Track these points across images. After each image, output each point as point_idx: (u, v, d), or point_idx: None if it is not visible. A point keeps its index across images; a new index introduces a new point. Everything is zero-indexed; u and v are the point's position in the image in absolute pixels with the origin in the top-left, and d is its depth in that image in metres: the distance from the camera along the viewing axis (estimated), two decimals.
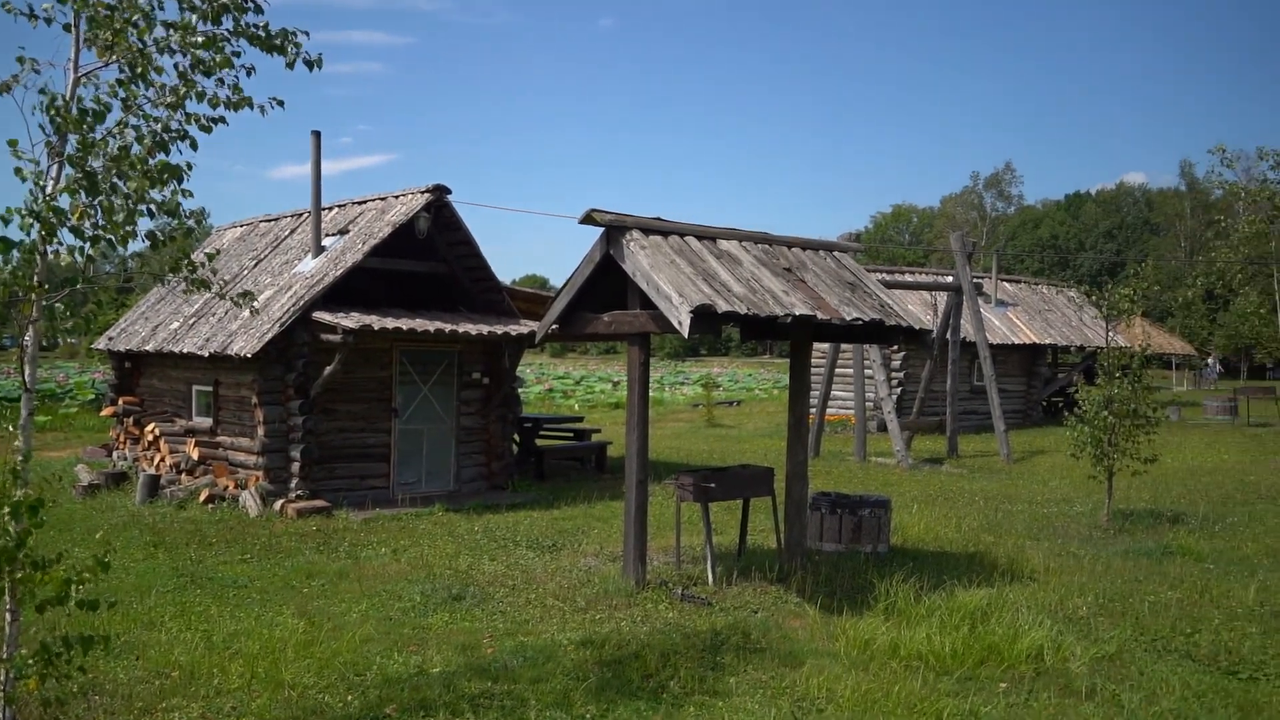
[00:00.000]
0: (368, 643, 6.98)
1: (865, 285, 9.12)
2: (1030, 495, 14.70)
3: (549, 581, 8.91)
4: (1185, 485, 15.76)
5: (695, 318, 7.42)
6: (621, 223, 8.28)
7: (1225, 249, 20.22)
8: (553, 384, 48.27)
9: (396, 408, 13.53)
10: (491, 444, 14.58)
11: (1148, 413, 12.15)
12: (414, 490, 13.53)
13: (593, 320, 8.92)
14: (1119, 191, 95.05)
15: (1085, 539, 11.24)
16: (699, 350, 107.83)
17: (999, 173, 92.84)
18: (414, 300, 14.40)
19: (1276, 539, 11.26)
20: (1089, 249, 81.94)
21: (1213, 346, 55.09)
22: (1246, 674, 6.56)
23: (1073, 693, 6.18)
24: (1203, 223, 70.71)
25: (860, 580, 8.77)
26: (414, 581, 8.82)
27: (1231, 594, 8.62)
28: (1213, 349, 55.55)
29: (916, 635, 6.98)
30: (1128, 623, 7.70)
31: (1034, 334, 28.26)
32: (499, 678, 6.27)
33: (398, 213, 13.52)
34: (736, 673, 6.46)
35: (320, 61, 4.94)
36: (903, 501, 13.52)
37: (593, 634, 7.22)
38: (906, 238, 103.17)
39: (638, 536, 8.61)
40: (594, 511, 12.85)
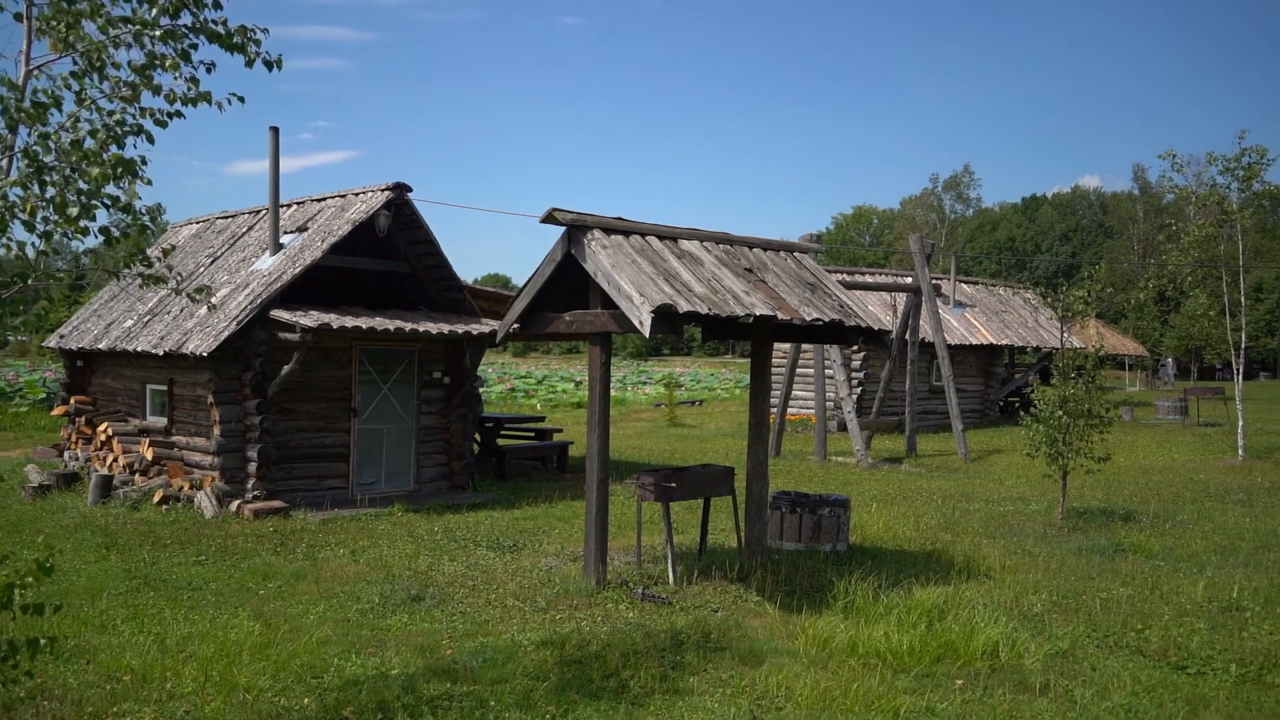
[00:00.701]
0: (325, 645, 6.91)
1: (825, 286, 9.18)
2: (987, 494, 14.89)
3: (509, 582, 8.88)
4: (1137, 484, 16.05)
5: (656, 317, 7.44)
6: (583, 222, 8.27)
7: (1176, 252, 20.61)
8: (515, 383, 48.08)
9: (356, 407, 13.40)
10: (452, 444, 14.49)
11: (1101, 412, 12.37)
12: (373, 490, 13.42)
13: (554, 320, 8.90)
14: (1074, 195, 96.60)
15: (1040, 537, 11.40)
16: (661, 350, 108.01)
17: (958, 175, 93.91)
18: (374, 299, 14.28)
19: (1224, 536, 11.50)
20: (1045, 251, 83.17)
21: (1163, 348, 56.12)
22: (1195, 669, 6.69)
23: (1027, 689, 6.27)
24: (1155, 226, 72.03)
25: (820, 579, 8.83)
26: (373, 582, 8.74)
27: (1181, 590, 8.79)
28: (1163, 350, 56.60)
29: (875, 633, 7.05)
30: (1081, 619, 7.82)
31: (991, 335, 28.63)
32: (459, 679, 6.24)
33: (358, 210, 13.40)
34: (697, 671, 6.48)
35: (280, 62, 4.88)
36: (862, 500, 13.65)
37: (553, 634, 7.21)
38: (867, 239, 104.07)
39: (599, 536, 8.60)
40: (555, 511, 12.83)
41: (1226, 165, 19.39)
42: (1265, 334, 58.76)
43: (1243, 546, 10.91)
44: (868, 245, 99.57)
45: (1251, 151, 19.08)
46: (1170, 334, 53.70)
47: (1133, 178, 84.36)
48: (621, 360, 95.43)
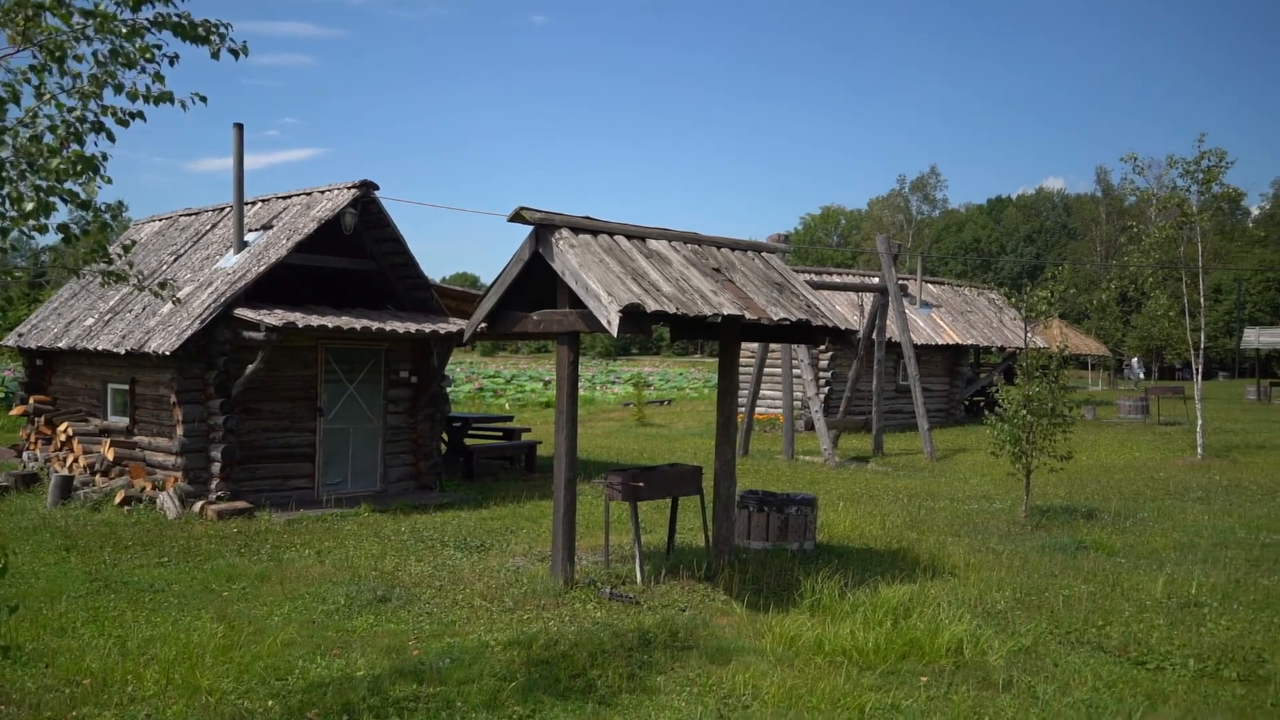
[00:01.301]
0: (290, 646, 6.85)
1: (792, 286, 9.23)
2: (952, 492, 15.03)
3: (477, 582, 8.84)
4: (1099, 482, 16.27)
5: (624, 317, 7.44)
6: (550, 221, 8.26)
7: (1137, 253, 20.91)
8: (483, 383, 47.91)
9: (322, 407, 13.29)
10: (419, 443, 14.41)
11: (1064, 412, 12.52)
12: (339, 491, 13.32)
13: (522, 319, 8.88)
14: (1039, 196, 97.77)
15: (1004, 535, 11.53)
16: (630, 349, 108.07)
17: (924, 176, 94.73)
18: (340, 298, 14.17)
19: (1184, 534, 11.69)
20: (1010, 252, 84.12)
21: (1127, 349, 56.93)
22: (1154, 664, 6.80)
23: (990, 685, 6.34)
24: (1117, 228, 73.02)
25: (787, 577, 8.87)
26: (338, 583, 8.68)
27: (1141, 587, 8.93)
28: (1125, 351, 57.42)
29: (841, 631, 7.09)
30: (1043, 616, 7.92)
31: (956, 335, 28.90)
32: (426, 680, 6.21)
33: (323, 208, 13.29)
34: (664, 670, 6.49)
35: (245, 49, 4.82)
36: (829, 499, 13.73)
37: (521, 634, 7.20)
38: (835, 239, 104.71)
39: (566, 536, 8.59)
40: (523, 511, 12.80)
41: (1186, 168, 19.69)
42: (1224, 334, 59.76)
43: (1201, 543, 11.09)
44: (835, 245, 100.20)
45: (1210, 154, 19.39)
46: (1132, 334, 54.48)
47: (1096, 180, 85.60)
48: (590, 360, 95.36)
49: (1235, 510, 13.46)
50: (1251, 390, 42.34)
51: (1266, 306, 65.70)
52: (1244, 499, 14.47)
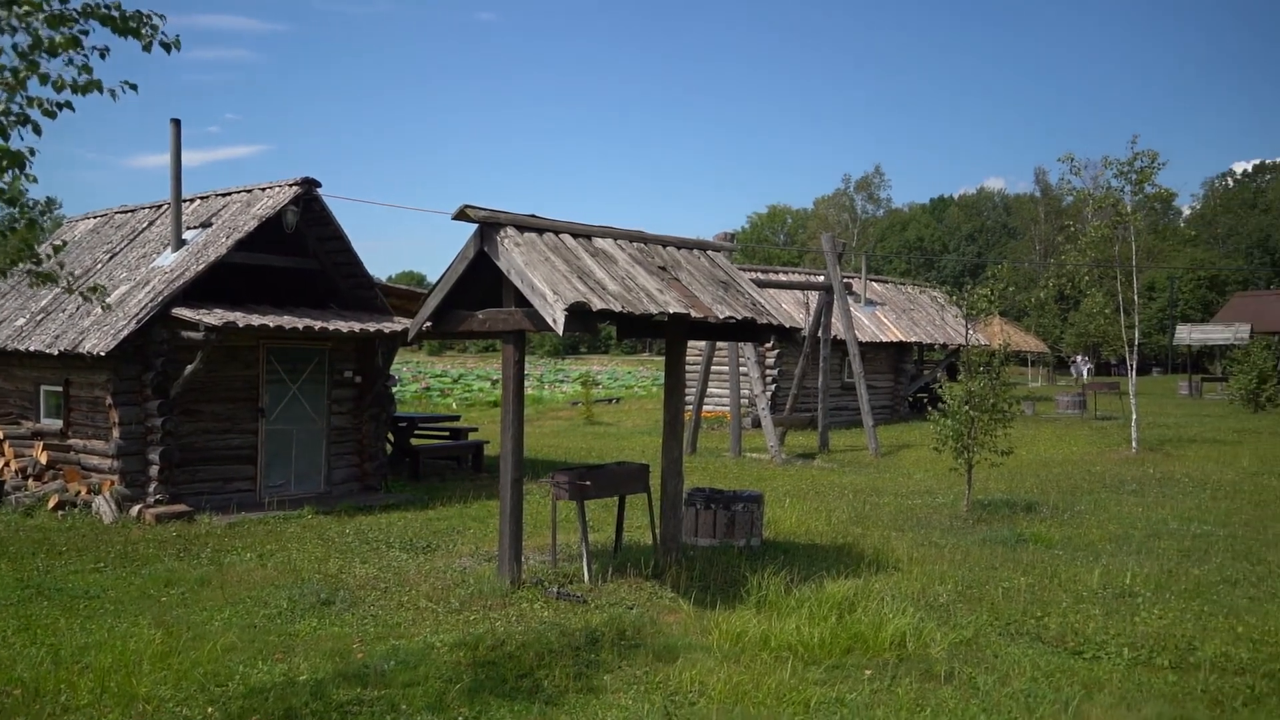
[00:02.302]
0: (230, 652, 6.73)
1: (738, 284, 9.28)
2: (896, 488, 15.24)
3: (423, 583, 8.77)
4: (1038, 476, 16.60)
5: (570, 315, 7.43)
6: (495, 219, 8.21)
7: (1074, 252, 21.38)
8: (430, 382, 47.54)
9: (264, 407, 13.08)
10: (364, 444, 14.25)
11: (1004, 407, 12.76)
12: (282, 493, 13.11)
13: (467, 318, 8.82)
14: (980, 196, 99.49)
15: (947, 529, 11.71)
16: (579, 348, 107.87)
17: (869, 176, 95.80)
18: (282, 296, 13.94)
19: (1119, 525, 11.97)
20: (952, 251, 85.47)
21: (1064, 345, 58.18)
22: (1090, 653, 6.96)
23: (933, 677, 6.43)
24: (1055, 227, 74.58)
25: (733, 574, 8.92)
26: (281, 587, 8.55)
27: (1078, 578, 9.13)
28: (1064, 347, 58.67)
29: (787, 626, 7.15)
30: (984, 608, 8.06)
31: (900, 332, 29.30)
32: (370, 683, 6.14)
33: (264, 206, 13.08)
34: (612, 669, 6.49)
35: (178, 43, 4.72)
36: (776, 496, 13.83)
37: (467, 635, 7.15)
38: (782, 238, 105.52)
39: (513, 535, 8.56)
40: (470, 511, 12.72)
41: (1120, 169, 20.16)
42: (1158, 331, 61.37)
43: (1135, 535, 11.37)
44: (782, 244, 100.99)
45: (1143, 156, 19.88)
46: (1070, 331, 55.68)
47: (1034, 180, 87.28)
48: (538, 359, 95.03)
49: (1168, 502, 13.82)
50: (1184, 385, 43.51)
51: (1198, 304, 67.59)
52: (1176, 491, 14.87)
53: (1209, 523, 12.19)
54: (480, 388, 45.42)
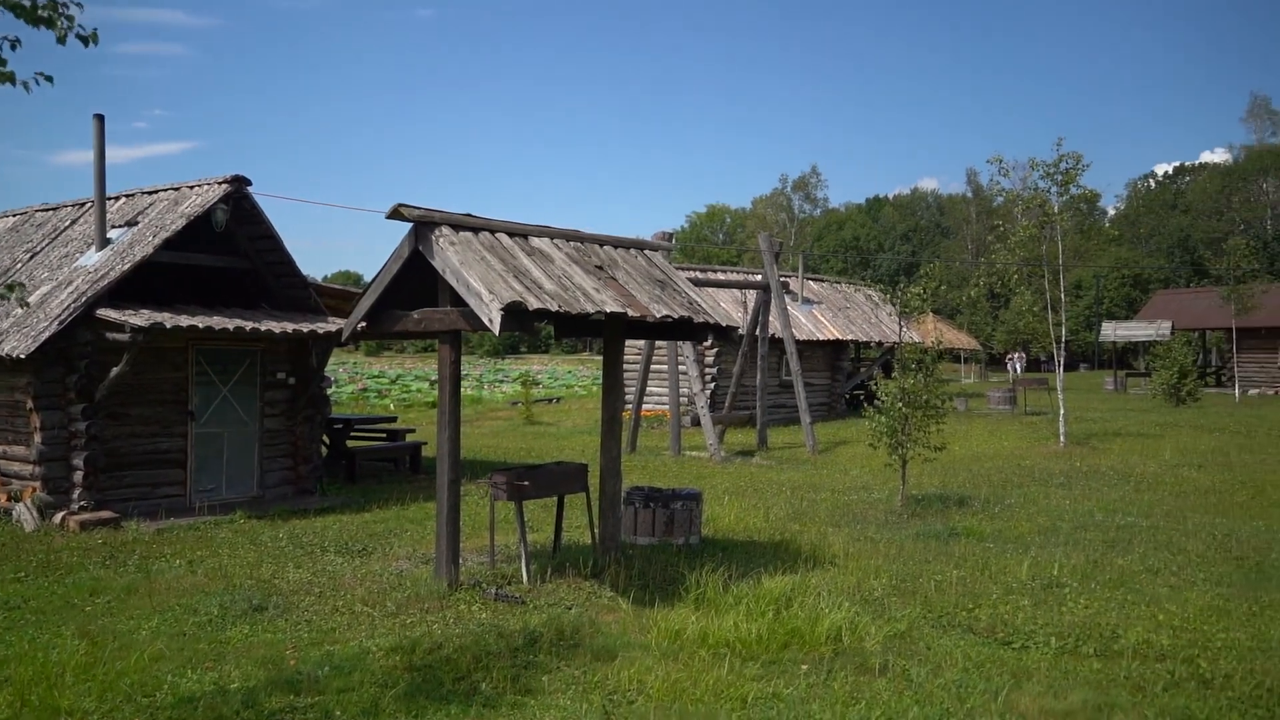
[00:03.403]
0: (158, 661, 6.57)
1: (675, 283, 9.32)
2: (833, 484, 15.43)
3: (358, 587, 8.65)
4: (970, 471, 16.94)
5: (506, 315, 7.39)
6: (430, 218, 8.14)
7: (1004, 251, 21.86)
8: (367, 383, 46.91)
9: (193, 410, 12.79)
10: (298, 446, 14.01)
11: (937, 404, 12.99)
12: (213, 497, 12.83)
13: (402, 318, 8.72)
14: (914, 196, 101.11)
15: (882, 524, 11.89)
16: (519, 347, 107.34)
17: (806, 176, 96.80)
18: (212, 297, 13.64)
19: (1047, 518, 12.27)
20: (887, 250, 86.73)
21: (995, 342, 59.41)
22: (1019, 643, 7.12)
23: (867, 670, 6.53)
24: (987, 227, 76.11)
25: (672, 572, 8.96)
26: (211, 594, 8.37)
27: (1008, 570, 9.34)
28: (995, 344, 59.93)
29: (725, 623, 7.20)
30: (917, 601, 8.20)
31: (837, 330, 29.66)
32: (303, 690, 6.04)
33: (193, 204, 12.78)
34: (550, 670, 6.47)
35: (96, 37, 4.57)
36: (715, 494, 13.92)
37: (403, 639, 7.07)
38: (720, 237, 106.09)
39: (450, 537, 8.49)
40: (407, 513, 12.59)
41: (1047, 170, 20.67)
42: (1084, 328, 63.00)
43: (1063, 527, 11.66)
44: (721, 244, 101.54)
45: (1068, 158, 20.41)
46: (1001, 329, 56.92)
47: (966, 181, 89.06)
48: (478, 358, 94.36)
49: (1094, 495, 14.20)
50: (1109, 381, 44.78)
51: (1122, 302, 69.54)
52: (1102, 484, 15.29)
53: (1132, 514, 12.55)
54: (419, 388, 44.95)
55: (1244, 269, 36.06)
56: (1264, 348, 43.19)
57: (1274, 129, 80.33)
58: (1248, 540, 10.79)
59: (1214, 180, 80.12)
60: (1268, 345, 43.10)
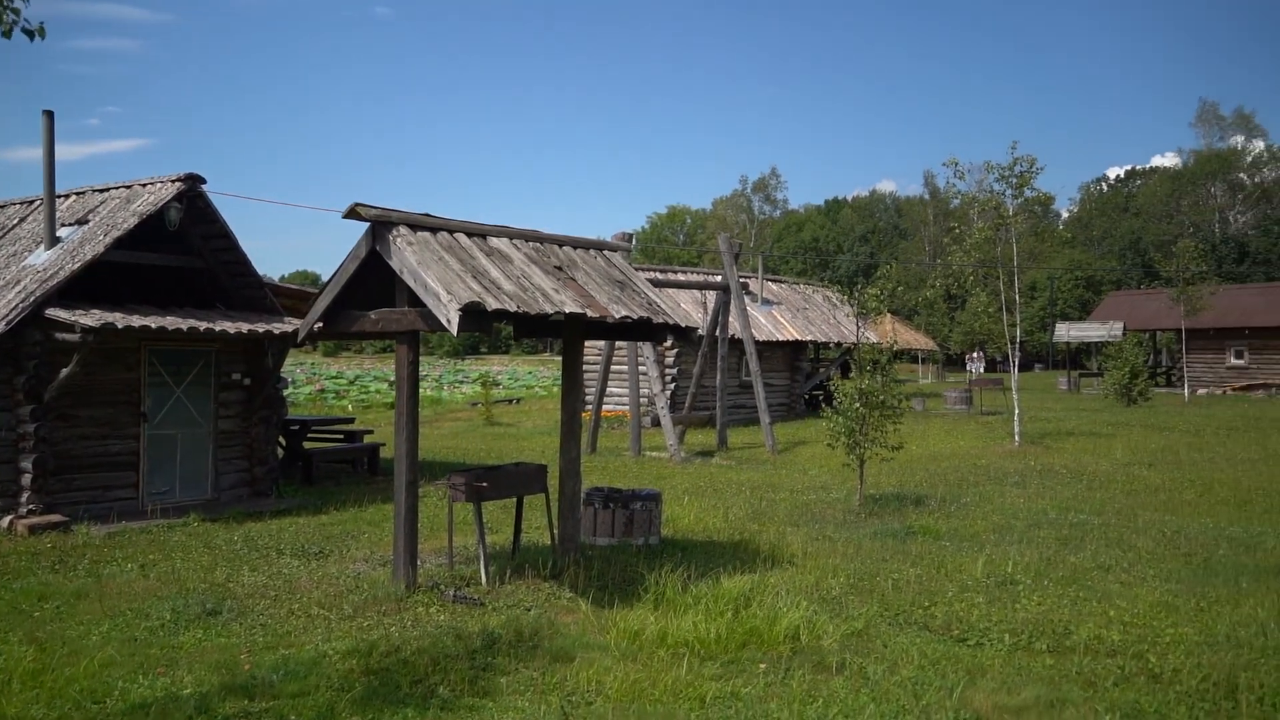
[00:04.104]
0: (109, 667, 6.45)
1: (634, 284, 9.33)
2: (792, 484, 15.52)
3: (314, 590, 8.56)
4: (927, 470, 17.13)
5: (464, 315, 7.35)
6: (388, 218, 8.07)
7: (960, 253, 22.14)
8: (325, 384, 46.44)
9: (146, 412, 12.58)
10: (254, 448, 13.83)
11: (894, 404, 13.12)
12: (167, 500, 12.63)
13: (360, 318, 8.65)
14: (872, 198, 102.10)
15: (840, 523, 11.99)
16: (479, 348, 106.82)
17: (765, 178, 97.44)
18: (165, 297, 13.43)
19: (1002, 516, 12.44)
20: (846, 251, 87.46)
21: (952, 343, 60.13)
22: (974, 640, 7.21)
23: (825, 669, 6.58)
24: (943, 229, 77.02)
25: (631, 572, 8.96)
26: (164, 598, 8.23)
27: (963, 568, 9.45)
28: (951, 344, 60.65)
29: (683, 623, 7.22)
30: (875, 599, 8.28)
31: (796, 331, 29.86)
32: (258, 695, 5.97)
33: (145, 202, 12.57)
34: (508, 672, 6.45)
35: (42, 30, 4.48)
36: (674, 494, 13.95)
37: (360, 642, 7.01)
38: (681, 238, 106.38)
39: (408, 539, 8.43)
40: (365, 515, 12.48)
41: (1002, 173, 20.96)
42: (1039, 329, 63.95)
43: (1017, 525, 11.83)
44: (681, 244, 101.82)
45: (1023, 161, 20.71)
46: (957, 329, 57.62)
47: (924, 183, 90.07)
48: (437, 359, 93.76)
49: (1048, 493, 14.42)
50: (1063, 381, 45.53)
51: (1076, 303, 70.72)
52: (1055, 482, 15.53)
53: (1085, 512, 12.76)
54: (378, 389, 44.60)
55: (1193, 271, 36.84)
56: (1212, 348, 44.18)
57: (1222, 134, 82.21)
58: (1196, 537, 11.01)
59: (1164, 184, 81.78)
60: (1215, 346, 44.10)
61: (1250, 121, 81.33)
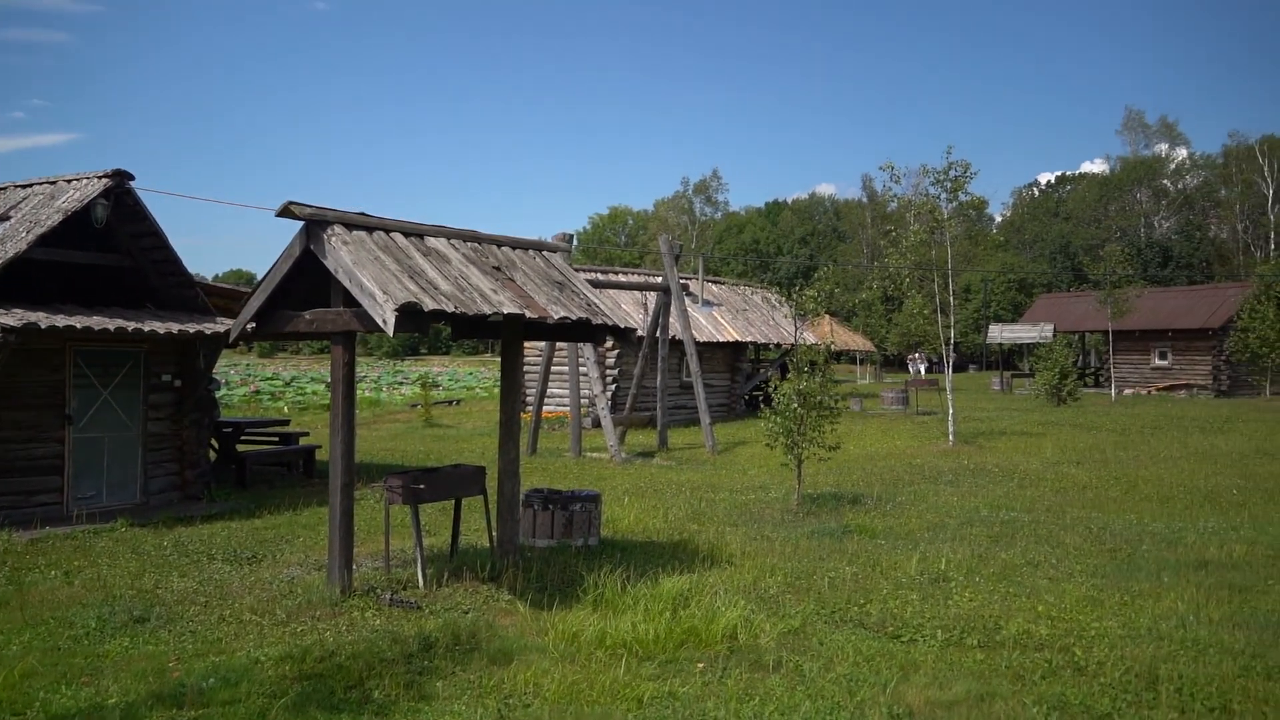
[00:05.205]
0: (30, 678, 6.26)
1: (573, 285, 9.32)
2: (732, 484, 15.63)
3: (247, 595, 8.40)
4: (864, 469, 17.37)
5: (401, 316, 7.28)
6: (322, 217, 7.96)
7: (896, 255, 22.50)
8: (259, 385, 45.59)
9: (71, 414, 12.23)
10: (185, 451, 13.53)
11: (831, 404, 13.28)
12: (93, 505, 12.30)
13: (294, 318, 8.51)
14: (812, 201, 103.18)
15: (778, 523, 12.10)
16: (419, 349, 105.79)
17: (707, 179, 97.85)
18: (92, 296, 13.07)
19: (936, 514, 12.67)
20: (786, 253, 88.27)
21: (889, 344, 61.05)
22: (907, 637, 7.33)
23: (762, 667, 6.63)
24: (881, 231, 78.16)
25: (571, 574, 8.95)
26: (89, 605, 8.02)
27: (898, 565, 9.60)
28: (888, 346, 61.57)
29: (622, 624, 7.23)
30: (811, 598, 8.37)
31: (736, 332, 30.06)
32: (187, 703, 5.84)
33: (71, 199, 12.23)
34: (445, 675, 6.40)
35: None
36: (614, 495, 13.95)
37: (294, 647, 6.89)
38: (623, 238, 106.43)
39: (343, 542, 8.32)
40: (300, 519, 12.28)
41: (937, 177, 21.35)
42: (973, 331, 65.21)
43: (950, 523, 12.05)
44: (623, 245, 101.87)
45: (957, 165, 21.12)
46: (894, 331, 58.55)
47: (862, 187, 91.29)
48: (376, 360, 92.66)
49: (980, 491, 14.72)
50: (996, 381, 46.49)
51: (1008, 305, 72.24)
52: (987, 481, 15.86)
53: (1016, 509, 13.05)
54: (315, 390, 43.91)
55: (1119, 274, 37.90)
56: (1137, 349, 45.47)
57: (1147, 142, 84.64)
58: (1121, 533, 11.32)
59: (1093, 189, 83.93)
60: (1141, 347, 45.39)
61: (1174, 130, 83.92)
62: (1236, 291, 43.63)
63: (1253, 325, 38.65)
